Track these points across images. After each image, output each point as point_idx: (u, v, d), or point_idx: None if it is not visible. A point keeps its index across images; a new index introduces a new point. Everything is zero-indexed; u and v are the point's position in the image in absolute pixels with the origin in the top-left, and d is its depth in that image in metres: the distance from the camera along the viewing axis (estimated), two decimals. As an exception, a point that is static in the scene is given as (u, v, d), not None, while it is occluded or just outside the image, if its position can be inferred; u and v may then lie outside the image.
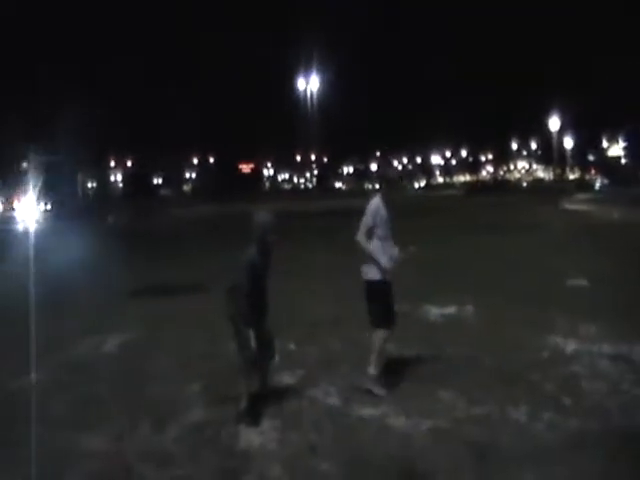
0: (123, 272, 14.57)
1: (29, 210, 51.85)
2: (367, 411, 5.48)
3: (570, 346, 7.16)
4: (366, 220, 5.95)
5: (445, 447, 4.74)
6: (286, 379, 6.43)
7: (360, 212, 6.11)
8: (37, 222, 45.05)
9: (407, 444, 4.81)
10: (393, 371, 6.52)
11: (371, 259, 5.94)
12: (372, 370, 5.99)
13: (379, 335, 6.02)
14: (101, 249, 20.52)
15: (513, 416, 5.27)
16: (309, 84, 54.90)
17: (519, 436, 4.89)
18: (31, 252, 16.86)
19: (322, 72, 57.71)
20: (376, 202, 6.04)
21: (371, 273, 5.99)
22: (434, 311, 9.31)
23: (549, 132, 79.95)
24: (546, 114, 76.97)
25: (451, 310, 9.30)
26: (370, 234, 5.95)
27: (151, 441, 5.11)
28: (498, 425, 5.10)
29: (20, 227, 40.65)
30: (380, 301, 5.99)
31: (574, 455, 4.54)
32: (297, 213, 35.40)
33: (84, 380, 6.72)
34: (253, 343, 5.29)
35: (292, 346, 7.58)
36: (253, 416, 5.36)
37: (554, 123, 75.83)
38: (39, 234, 32.39)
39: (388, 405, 5.56)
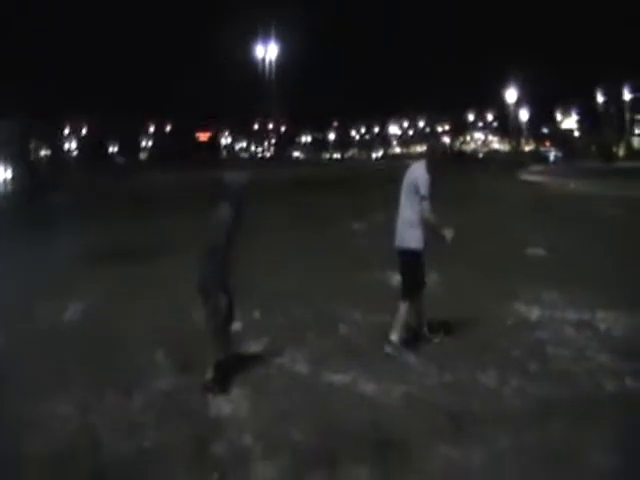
0: (86, 237, 14.29)
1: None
2: (336, 377, 5.43)
3: (534, 313, 7.24)
4: (425, 191, 5.90)
5: (417, 413, 4.73)
6: (252, 347, 6.35)
7: (322, 182, 6.04)
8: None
9: (379, 410, 4.78)
10: (362, 338, 6.51)
11: (418, 228, 5.95)
12: (394, 337, 6.04)
13: (406, 307, 6.12)
14: (59, 217, 20.01)
15: (483, 382, 5.29)
16: (268, 52, 54.07)
17: (489, 402, 4.91)
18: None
19: (280, 40, 56.91)
20: (424, 172, 6.02)
21: (414, 242, 6.00)
22: (399, 279, 9.29)
23: (505, 104, 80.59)
24: (503, 86, 77.50)
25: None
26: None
27: (118, 409, 4.97)
28: (468, 391, 5.11)
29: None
30: (417, 270, 6.10)
31: (542, 420, 4.58)
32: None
33: (46, 348, 6.52)
34: (223, 309, 5.20)
35: (257, 314, 7.49)
36: (222, 384, 5.27)
37: (511, 95, 76.42)
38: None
39: (357, 372, 5.52)
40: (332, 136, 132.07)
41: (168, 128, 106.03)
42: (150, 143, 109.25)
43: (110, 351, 6.32)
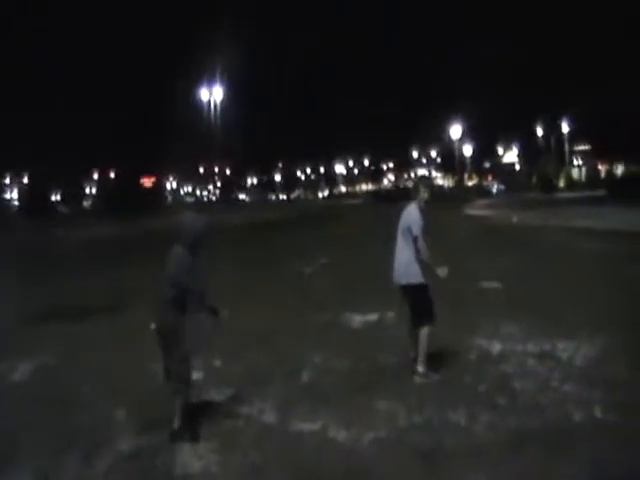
0: (25, 295, 13.77)
1: None
2: (306, 426, 5.33)
3: (496, 347, 7.29)
4: (418, 231, 6.34)
5: (390, 456, 4.66)
6: (216, 397, 6.19)
7: (270, 224, 6.04)
8: None
9: (351, 456, 4.69)
10: (326, 383, 6.42)
11: (417, 264, 6.37)
12: (421, 368, 6.35)
13: (426, 332, 6.39)
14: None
15: (453, 419, 5.27)
16: (212, 95, 54.18)
17: (461, 438, 4.88)
18: None
19: (224, 83, 57.14)
20: (417, 212, 6.46)
21: (415, 277, 6.40)
22: (357, 319, 9.29)
23: (449, 140, 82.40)
24: (446, 123, 79.30)
25: (373, 317, 9.30)
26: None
27: (81, 476, 4.71)
28: (440, 430, 5.07)
29: None
30: (425, 300, 6.43)
31: (515, 453, 4.58)
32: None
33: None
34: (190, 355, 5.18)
35: (217, 362, 7.34)
36: (192, 432, 5.15)
37: (455, 131, 78.28)
38: None
39: (326, 418, 5.43)
40: (278, 177, 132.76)
41: (112, 174, 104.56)
42: (94, 190, 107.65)
43: (66, 413, 6.04)
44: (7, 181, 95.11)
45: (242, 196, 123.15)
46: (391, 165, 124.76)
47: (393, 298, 8.87)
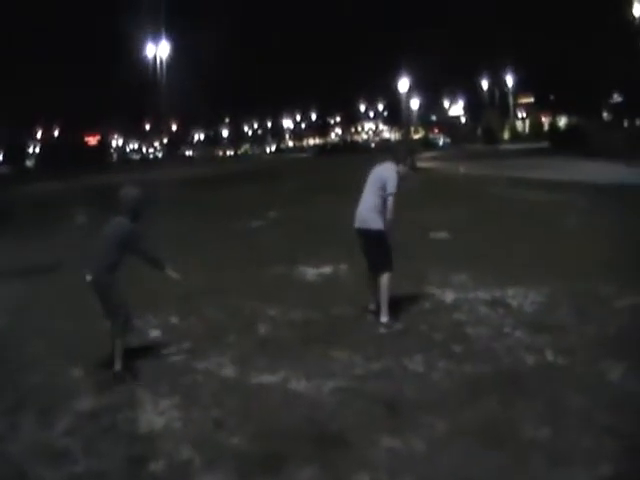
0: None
1: None
2: (266, 378, 5.35)
3: (449, 296, 7.43)
4: (393, 189, 6.49)
5: (351, 405, 4.72)
6: (174, 353, 6.15)
7: (217, 180, 6.02)
8: None
9: (313, 407, 4.74)
10: (283, 335, 6.45)
11: (379, 214, 6.50)
12: (385, 318, 6.49)
13: (386, 279, 6.49)
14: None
15: (410, 367, 5.37)
16: (158, 50, 52.42)
17: (420, 386, 4.98)
18: None
19: (171, 36, 55.34)
20: (394, 172, 6.61)
21: (377, 224, 6.51)
22: (310, 271, 9.32)
23: (397, 94, 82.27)
24: (394, 76, 79.06)
25: (326, 270, 9.35)
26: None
27: (39, 437, 4.61)
28: (398, 378, 5.16)
29: None
30: (385, 246, 6.52)
31: (473, 398, 4.69)
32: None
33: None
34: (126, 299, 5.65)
35: (173, 319, 7.29)
36: (132, 373, 5.54)
37: (403, 84, 78.00)
38: None
39: (286, 370, 5.46)
40: (225, 132, 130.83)
41: (56, 133, 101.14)
42: (37, 149, 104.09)
43: (19, 373, 5.92)
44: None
45: (188, 152, 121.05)
46: (338, 119, 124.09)
47: (345, 251, 8.98)
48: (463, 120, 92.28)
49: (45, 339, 6.82)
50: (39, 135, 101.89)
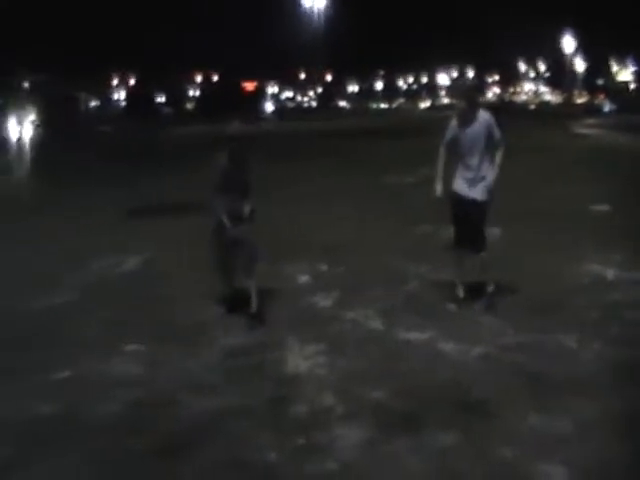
0: (123, 189, 14.41)
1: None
2: (412, 335, 5.35)
3: (609, 273, 6.99)
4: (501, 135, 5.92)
5: (498, 374, 4.61)
6: (321, 302, 6.29)
7: (365, 132, 5.95)
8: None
9: (458, 371, 4.68)
10: (432, 294, 6.38)
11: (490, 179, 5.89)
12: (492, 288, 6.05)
13: (487, 254, 6.05)
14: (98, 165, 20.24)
15: (562, 344, 5.14)
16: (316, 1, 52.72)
17: (571, 365, 4.76)
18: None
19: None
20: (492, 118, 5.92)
21: (487, 193, 5.93)
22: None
23: (560, 54, 77.54)
24: (558, 35, 74.37)
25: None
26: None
27: (188, 368, 4.89)
28: (548, 353, 4.97)
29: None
30: (485, 221, 6.01)
31: (625, 386, 4.42)
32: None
33: (105, 302, 6.55)
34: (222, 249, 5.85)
35: (323, 267, 7.45)
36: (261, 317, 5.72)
37: (568, 44, 73.21)
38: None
39: (433, 330, 5.43)
40: (379, 86, 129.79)
41: (215, 78, 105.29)
42: (197, 93, 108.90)
43: (170, 307, 6.33)
44: (115, 82, 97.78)
45: (342, 103, 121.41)
46: (496, 78, 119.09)
47: (499, 217, 8.70)
48: (632, 86, 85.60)
49: (189, 277, 7.18)
50: (199, 79, 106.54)
